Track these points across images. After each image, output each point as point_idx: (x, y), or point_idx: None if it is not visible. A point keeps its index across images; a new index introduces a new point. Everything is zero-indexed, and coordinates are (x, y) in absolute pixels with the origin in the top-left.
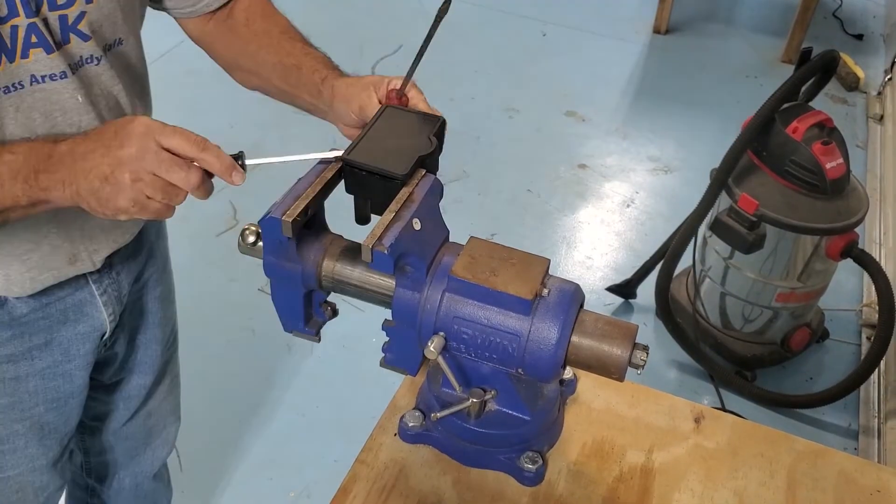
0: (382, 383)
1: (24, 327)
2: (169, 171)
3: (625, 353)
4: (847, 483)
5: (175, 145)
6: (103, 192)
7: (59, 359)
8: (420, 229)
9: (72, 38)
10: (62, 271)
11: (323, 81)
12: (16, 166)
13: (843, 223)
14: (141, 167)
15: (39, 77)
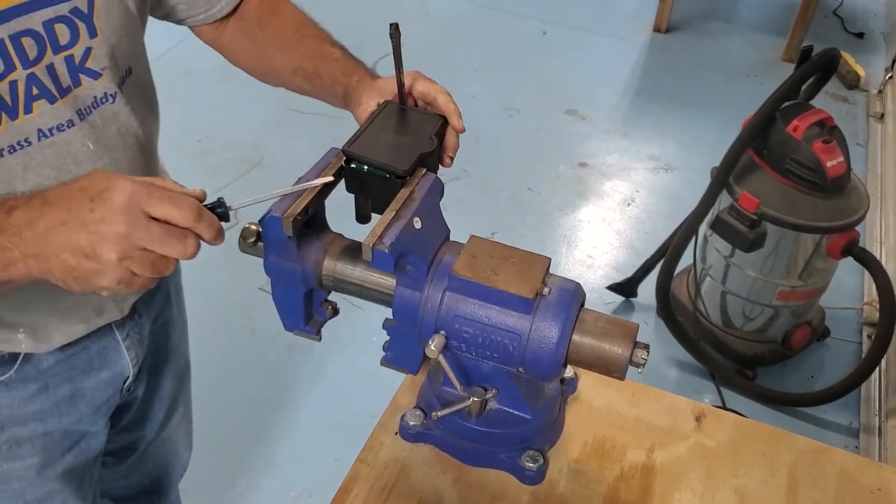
0: (383, 382)
1: (50, 379)
2: (163, 246)
3: (625, 351)
4: (848, 481)
5: (166, 215)
6: (82, 272)
7: (84, 411)
8: (421, 228)
9: (82, 80)
10: (90, 323)
11: (345, 94)
12: None
13: (843, 221)
14: (130, 244)
15: (47, 130)
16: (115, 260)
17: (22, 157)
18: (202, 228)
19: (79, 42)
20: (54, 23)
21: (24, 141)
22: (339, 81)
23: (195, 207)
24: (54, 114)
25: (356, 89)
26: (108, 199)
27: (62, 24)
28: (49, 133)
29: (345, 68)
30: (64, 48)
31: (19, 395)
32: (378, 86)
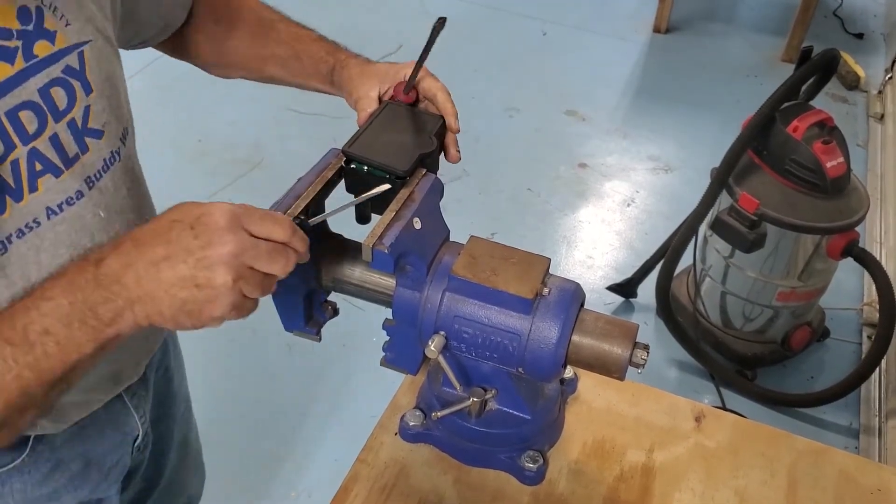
0: (383, 382)
1: (64, 455)
2: (270, 262)
3: (625, 352)
4: (848, 482)
5: (267, 231)
6: (195, 304)
7: (98, 479)
8: (420, 229)
9: (89, 144)
10: (108, 393)
11: (332, 72)
12: (62, 312)
13: (843, 222)
14: (241, 264)
15: (56, 207)
16: (230, 282)
17: (32, 241)
18: (297, 242)
19: (77, 103)
20: (49, 87)
21: (32, 222)
22: (322, 60)
23: (290, 222)
24: (61, 187)
25: (347, 69)
26: (209, 223)
27: (57, 87)
28: (58, 209)
29: (327, 48)
30: (64, 113)
31: (32, 479)
32: (376, 72)
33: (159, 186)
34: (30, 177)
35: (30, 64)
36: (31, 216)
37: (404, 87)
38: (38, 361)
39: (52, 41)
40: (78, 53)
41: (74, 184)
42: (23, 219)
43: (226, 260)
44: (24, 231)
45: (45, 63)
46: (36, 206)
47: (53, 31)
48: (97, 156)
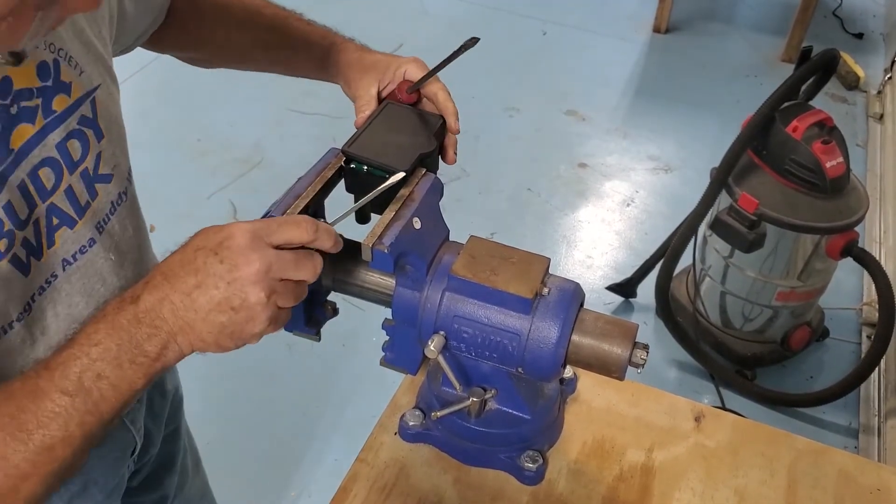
0: (382, 382)
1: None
2: (298, 269)
3: (625, 351)
4: (847, 482)
5: (289, 238)
6: (234, 326)
7: (98, 498)
8: (420, 228)
9: (98, 189)
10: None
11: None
12: (111, 354)
13: (843, 222)
14: (271, 279)
15: (70, 258)
16: (264, 299)
17: (50, 295)
18: (322, 239)
19: (90, 151)
20: (66, 141)
21: (50, 277)
22: (315, 44)
23: (310, 221)
24: (75, 238)
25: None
26: (232, 245)
27: (73, 139)
28: (73, 259)
29: (319, 32)
30: (78, 164)
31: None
32: (376, 64)
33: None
34: (48, 233)
35: (49, 120)
36: (50, 271)
37: (409, 88)
38: (97, 405)
39: (69, 94)
40: (90, 101)
41: (87, 232)
42: (42, 276)
43: (255, 279)
44: (44, 287)
45: (62, 117)
46: (54, 260)
47: (69, 83)
48: (106, 200)
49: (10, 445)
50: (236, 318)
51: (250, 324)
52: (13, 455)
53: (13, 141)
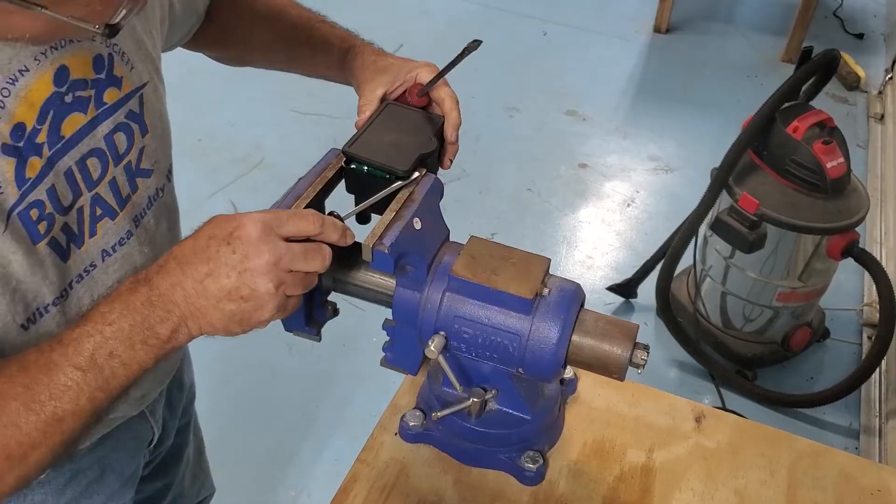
0: (383, 383)
1: (81, 464)
2: (307, 261)
3: (625, 352)
4: (848, 482)
5: (298, 230)
6: (243, 314)
7: (114, 486)
8: (420, 229)
9: (138, 183)
10: (132, 411)
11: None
12: (124, 335)
13: (843, 222)
14: (280, 270)
15: (110, 249)
16: (272, 289)
17: (88, 284)
18: (329, 231)
19: (134, 145)
20: (114, 133)
21: (89, 266)
22: (335, 45)
23: (317, 215)
24: (115, 229)
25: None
26: (242, 236)
27: (120, 132)
28: (112, 251)
29: (340, 34)
30: (123, 157)
31: (52, 488)
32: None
33: None
34: (91, 222)
35: (100, 111)
36: (90, 260)
37: (419, 91)
38: (108, 382)
39: (120, 87)
40: (139, 97)
41: (126, 224)
42: (82, 264)
43: (265, 270)
44: (83, 276)
45: (112, 109)
46: (94, 250)
47: (120, 77)
48: (144, 194)
49: (22, 415)
50: (245, 306)
51: (258, 312)
52: (25, 424)
53: (64, 128)
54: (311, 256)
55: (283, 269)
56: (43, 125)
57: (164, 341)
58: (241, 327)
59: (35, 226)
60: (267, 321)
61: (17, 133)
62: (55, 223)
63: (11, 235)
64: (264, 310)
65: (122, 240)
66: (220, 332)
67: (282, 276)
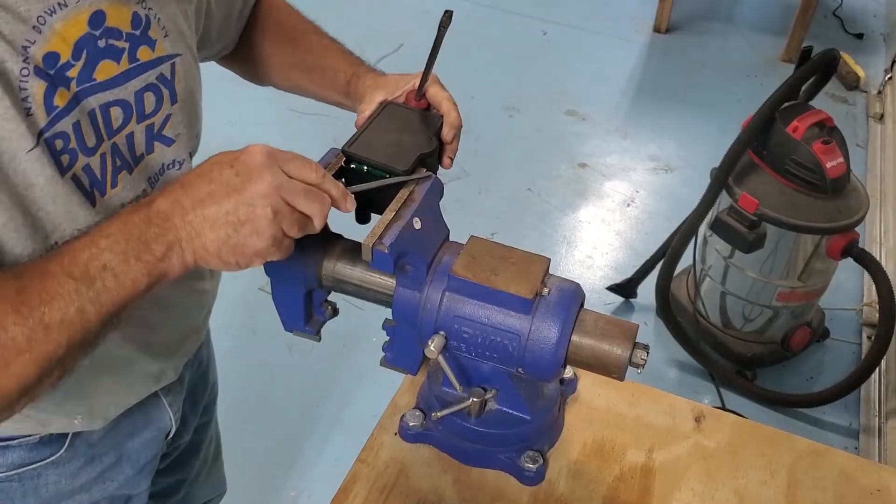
0: (383, 382)
1: (97, 449)
2: (306, 200)
3: (625, 352)
4: (847, 482)
5: (299, 173)
6: (239, 237)
7: (129, 473)
8: (420, 228)
9: (155, 147)
10: (147, 390)
11: (348, 83)
12: (120, 248)
13: (843, 222)
14: (279, 198)
15: (128, 203)
16: (270, 215)
17: None
18: (330, 185)
19: (161, 109)
20: (143, 92)
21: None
22: (342, 70)
23: (318, 168)
24: (133, 184)
25: (362, 80)
26: (247, 160)
27: (150, 92)
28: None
29: (349, 59)
30: (147, 117)
31: (67, 471)
32: (387, 82)
33: None
34: (112, 171)
35: (132, 66)
36: (111, 211)
37: (415, 94)
38: (99, 296)
39: (153, 49)
40: (171, 64)
41: (142, 183)
42: (105, 214)
43: (265, 192)
44: None
45: (144, 67)
46: (116, 202)
47: (155, 39)
48: (159, 160)
49: (10, 317)
50: (242, 230)
51: (253, 238)
52: (12, 327)
53: (97, 72)
54: (310, 197)
55: (283, 199)
56: (77, 62)
57: (158, 259)
58: (234, 255)
59: (58, 156)
60: (260, 253)
61: (50, 61)
62: (77, 160)
63: (37, 159)
64: (259, 236)
65: (139, 197)
66: (213, 258)
67: (280, 204)
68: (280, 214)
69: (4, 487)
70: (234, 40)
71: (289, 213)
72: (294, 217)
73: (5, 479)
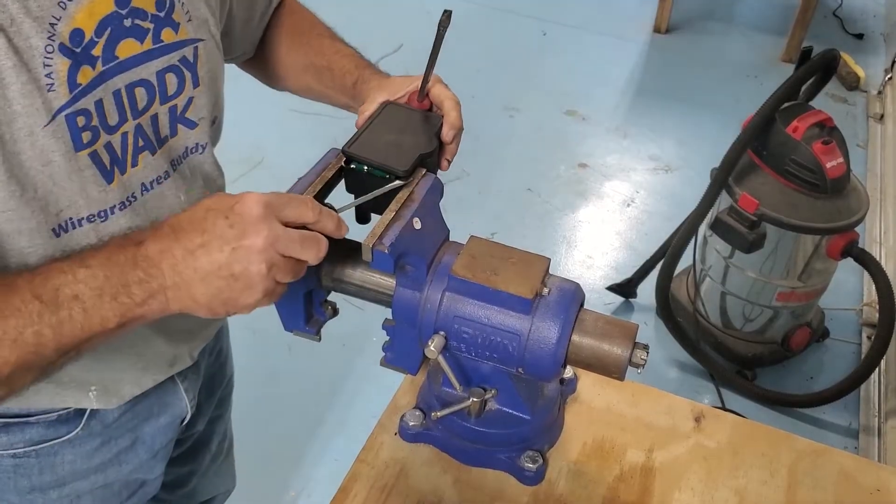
0: (383, 382)
1: (113, 432)
2: (303, 249)
3: (625, 352)
4: (847, 482)
5: (296, 217)
6: (231, 293)
7: (144, 458)
8: (420, 228)
9: (179, 130)
10: (162, 373)
11: (354, 85)
12: (96, 283)
13: (843, 222)
14: (274, 253)
15: (149, 183)
16: (264, 271)
17: (129, 216)
18: (326, 221)
19: (184, 92)
20: (165, 73)
21: (131, 197)
22: (349, 72)
23: (315, 203)
24: (155, 165)
25: (367, 82)
26: (243, 212)
27: (172, 73)
28: (150, 186)
29: (357, 62)
30: (170, 98)
31: (83, 451)
32: (392, 84)
33: None
34: (133, 150)
35: (156, 47)
36: (131, 190)
37: (418, 95)
38: (62, 324)
39: (176, 31)
40: (193, 48)
41: (164, 164)
42: (124, 192)
43: (260, 248)
44: (125, 204)
45: (167, 49)
46: (135, 181)
47: (178, 22)
48: (182, 143)
49: None
50: (234, 285)
51: (246, 293)
52: None
53: (119, 50)
54: (307, 245)
55: (278, 252)
56: (100, 39)
57: (136, 304)
58: (224, 307)
59: (79, 132)
60: (252, 306)
61: (76, 38)
62: (99, 137)
63: (55, 135)
64: (252, 291)
65: (160, 178)
66: (202, 309)
67: (275, 258)
68: (275, 268)
69: (22, 463)
70: (255, 43)
71: (283, 265)
72: (289, 267)
73: (23, 455)
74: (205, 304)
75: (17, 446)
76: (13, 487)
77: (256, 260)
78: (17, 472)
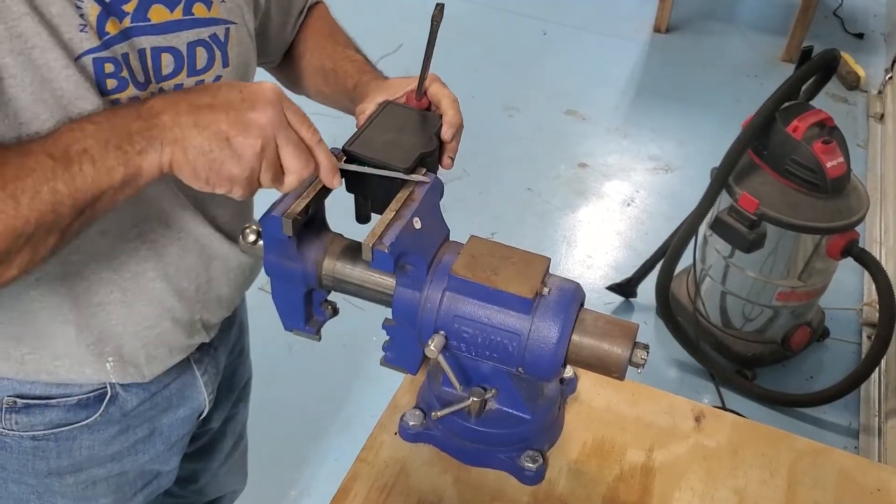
0: (383, 382)
1: (132, 420)
2: (294, 156)
3: (625, 351)
4: (847, 482)
5: (299, 126)
6: (218, 154)
7: (160, 448)
8: (420, 228)
9: None
10: (179, 344)
11: (355, 88)
12: (102, 136)
13: (843, 222)
14: (272, 136)
15: None
16: (258, 147)
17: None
18: (321, 152)
19: (213, 69)
20: (196, 46)
21: None
22: (351, 76)
23: (316, 131)
24: None
25: (367, 84)
26: (258, 91)
27: (202, 47)
28: None
29: (361, 68)
30: (199, 73)
31: (101, 437)
32: (390, 84)
33: None
34: None
35: (186, 18)
36: None
37: (416, 93)
38: (74, 178)
39: (209, 8)
40: (225, 29)
41: None
42: None
43: (262, 124)
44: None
45: (198, 23)
46: None
47: (211, 1)
48: None
49: None
50: (226, 150)
51: (233, 161)
52: None
53: (151, 13)
54: (297, 153)
55: (273, 141)
56: None
57: (136, 153)
58: (207, 171)
59: (105, 78)
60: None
61: None
62: (126, 88)
63: (83, 72)
64: (239, 163)
65: None
66: (186, 168)
67: (270, 143)
68: (265, 152)
69: (42, 446)
70: (285, 48)
71: (272, 158)
72: (276, 167)
73: (42, 438)
74: (192, 158)
75: (37, 428)
76: (31, 470)
77: (254, 134)
78: (36, 455)
